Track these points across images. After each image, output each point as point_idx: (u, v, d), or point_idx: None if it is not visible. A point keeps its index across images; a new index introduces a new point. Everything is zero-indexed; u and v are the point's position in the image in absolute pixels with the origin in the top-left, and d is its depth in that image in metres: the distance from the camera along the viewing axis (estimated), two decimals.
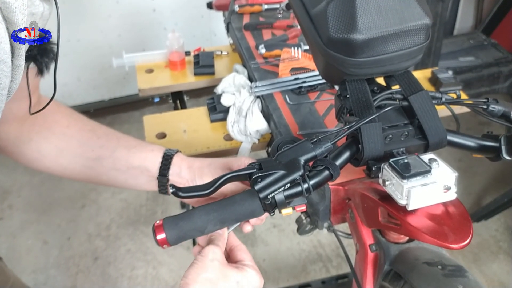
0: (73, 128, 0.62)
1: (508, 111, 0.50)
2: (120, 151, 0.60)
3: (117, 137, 0.62)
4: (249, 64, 1.02)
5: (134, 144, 0.61)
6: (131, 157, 0.60)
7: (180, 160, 0.60)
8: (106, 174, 0.61)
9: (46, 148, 0.60)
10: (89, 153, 0.61)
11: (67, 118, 0.62)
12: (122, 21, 1.92)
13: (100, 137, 0.61)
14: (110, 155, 0.60)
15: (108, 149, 0.60)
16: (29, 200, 1.71)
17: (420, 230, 0.45)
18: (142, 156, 0.60)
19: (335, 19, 0.48)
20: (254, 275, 0.47)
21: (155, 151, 0.61)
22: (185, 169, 0.59)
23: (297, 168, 0.47)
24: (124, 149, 0.60)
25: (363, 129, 0.48)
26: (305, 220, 0.71)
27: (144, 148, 0.61)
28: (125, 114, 2.11)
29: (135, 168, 0.60)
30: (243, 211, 0.48)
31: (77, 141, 0.61)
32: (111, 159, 0.60)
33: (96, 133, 0.62)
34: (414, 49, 0.50)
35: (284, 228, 1.54)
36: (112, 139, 0.61)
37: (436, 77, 1.01)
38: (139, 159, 0.60)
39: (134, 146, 0.61)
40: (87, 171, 0.61)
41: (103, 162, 0.60)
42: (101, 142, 0.61)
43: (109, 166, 0.60)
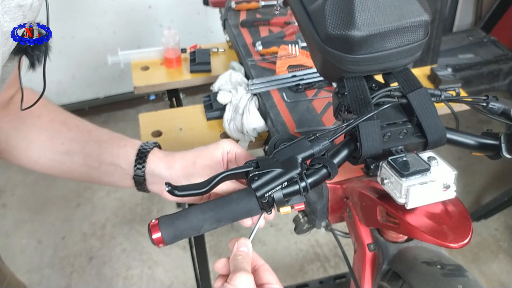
0: (45, 118, 0.57)
1: (508, 109, 0.50)
2: (91, 146, 0.56)
3: (88, 129, 0.57)
4: (246, 61, 1.02)
5: (106, 138, 0.56)
6: (102, 153, 0.55)
7: (158, 159, 0.55)
8: (78, 170, 0.57)
9: (15, 139, 0.56)
10: (59, 147, 0.56)
11: (40, 108, 0.57)
12: (118, 17, 1.91)
13: (70, 129, 0.57)
14: (80, 149, 0.56)
15: (79, 143, 0.56)
16: (23, 199, 1.70)
17: (419, 229, 0.45)
18: (114, 152, 0.55)
19: (333, 16, 0.48)
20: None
21: (128, 147, 0.55)
22: (165, 170, 0.54)
23: (295, 166, 0.46)
24: (95, 144, 0.56)
25: (361, 127, 0.48)
26: (302, 219, 0.70)
27: (116, 143, 0.56)
28: (121, 112, 2.10)
29: (108, 164, 0.55)
30: (239, 209, 0.48)
31: (47, 132, 0.56)
32: (81, 154, 0.55)
33: (67, 125, 0.57)
34: (413, 46, 0.50)
35: (281, 228, 1.53)
36: (83, 131, 0.57)
37: (435, 74, 1.00)
38: (111, 155, 0.55)
39: (106, 140, 0.56)
40: (58, 165, 0.57)
41: (73, 157, 0.56)
42: (71, 134, 0.56)
43: (80, 161, 0.56)
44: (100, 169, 0.56)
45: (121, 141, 0.57)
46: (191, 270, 1.41)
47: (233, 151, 0.55)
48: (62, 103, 2.04)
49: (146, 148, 0.56)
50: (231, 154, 0.55)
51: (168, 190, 0.47)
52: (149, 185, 0.56)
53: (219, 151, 0.54)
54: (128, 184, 0.56)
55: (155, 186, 0.56)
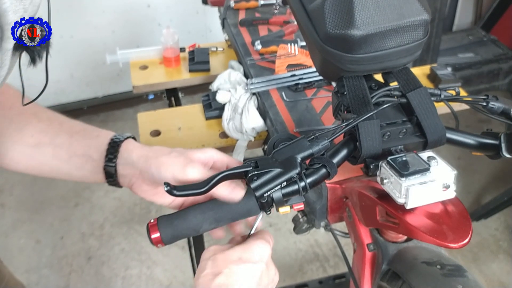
0: (15, 110, 0.55)
1: (508, 108, 0.50)
2: (62, 137, 0.53)
3: (60, 121, 0.55)
4: (245, 60, 1.01)
5: (78, 129, 0.55)
6: (73, 144, 0.53)
7: (132, 147, 0.53)
8: (48, 164, 0.54)
9: None
10: (28, 139, 0.53)
11: (12, 100, 0.55)
12: (116, 17, 1.90)
13: (41, 121, 0.55)
14: (50, 141, 0.53)
15: (48, 134, 0.54)
16: (21, 199, 1.69)
17: (418, 229, 0.45)
18: (85, 143, 0.53)
19: (332, 15, 0.48)
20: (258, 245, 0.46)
21: (101, 137, 0.53)
22: (138, 158, 0.51)
23: (294, 166, 0.46)
24: (66, 135, 0.53)
25: (360, 126, 0.48)
26: (301, 219, 0.70)
27: (89, 134, 0.54)
28: (119, 111, 2.09)
29: (79, 156, 0.53)
30: (239, 209, 0.47)
31: (16, 125, 0.54)
32: (52, 146, 0.53)
33: (38, 117, 0.55)
34: (412, 45, 0.50)
35: (280, 227, 1.53)
36: (54, 123, 0.55)
37: (435, 73, 1.00)
38: (82, 146, 0.53)
39: (77, 131, 0.54)
40: (26, 160, 0.54)
41: (43, 150, 0.53)
42: (42, 126, 0.54)
43: (49, 154, 0.53)
44: (70, 161, 0.53)
45: (93, 132, 0.55)
46: (190, 270, 1.41)
47: (223, 160, 0.53)
48: (61, 102, 2.03)
49: (119, 138, 0.54)
50: (221, 163, 0.53)
51: (167, 190, 0.46)
52: (120, 178, 0.54)
53: (204, 155, 0.52)
54: (99, 178, 0.54)
55: (125, 179, 0.54)
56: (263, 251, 0.46)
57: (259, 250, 0.46)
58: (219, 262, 0.44)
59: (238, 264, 0.44)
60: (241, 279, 0.43)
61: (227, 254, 0.44)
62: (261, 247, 0.46)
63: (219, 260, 0.44)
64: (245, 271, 0.43)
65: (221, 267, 0.43)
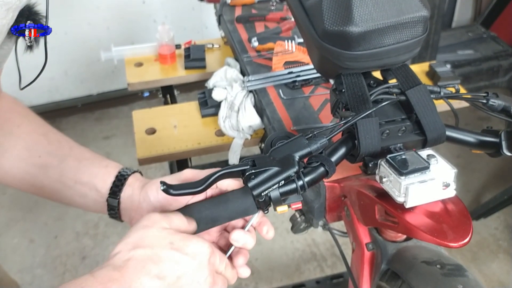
0: (24, 128, 0.55)
1: (508, 106, 0.49)
2: (70, 161, 0.54)
3: (70, 146, 0.56)
4: (242, 57, 1.01)
5: (88, 156, 0.55)
6: (80, 170, 0.53)
7: (135, 181, 0.53)
8: (50, 186, 0.54)
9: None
10: (35, 159, 0.54)
11: (21, 118, 0.56)
12: (111, 13, 1.88)
13: (51, 143, 0.55)
14: (58, 164, 0.53)
15: (57, 157, 0.54)
16: (14, 198, 1.68)
17: (418, 228, 0.45)
18: (93, 172, 0.53)
19: (330, 11, 0.47)
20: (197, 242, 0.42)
21: (110, 168, 0.54)
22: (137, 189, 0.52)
23: (292, 165, 0.46)
24: (74, 161, 0.54)
25: (359, 124, 0.48)
26: (299, 218, 0.70)
27: (98, 162, 0.54)
28: (114, 109, 2.07)
29: (83, 184, 0.53)
30: (236, 209, 0.47)
31: (25, 143, 0.54)
32: (58, 169, 0.53)
33: (48, 138, 0.55)
34: (411, 42, 0.49)
35: (278, 226, 1.52)
36: (64, 147, 0.55)
37: (434, 70, 1.00)
38: (89, 174, 0.53)
39: (86, 158, 0.54)
40: (30, 179, 0.54)
41: (49, 172, 0.53)
42: (51, 148, 0.55)
43: (55, 177, 0.53)
44: (74, 188, 0.53)
45: (102, 162, 0.55)
46: None
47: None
48: (55, 100, 2.01)
49: (126, 172, 0.54)
50: None
51: (163, 189, 0.46)
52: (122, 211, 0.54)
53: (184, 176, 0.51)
54: (100, 208, 0.54)
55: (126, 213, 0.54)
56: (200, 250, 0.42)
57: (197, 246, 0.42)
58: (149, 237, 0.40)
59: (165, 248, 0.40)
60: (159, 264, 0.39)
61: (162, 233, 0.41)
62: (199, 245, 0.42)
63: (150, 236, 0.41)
64: (168, 258, 0.40)
65: (146, 242, 0.40)
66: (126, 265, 0.38)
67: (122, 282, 0.37)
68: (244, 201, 0.46)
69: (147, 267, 0.39)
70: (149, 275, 0.39)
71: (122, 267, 0.38)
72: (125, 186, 0.53)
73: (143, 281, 0.38)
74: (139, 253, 0.39)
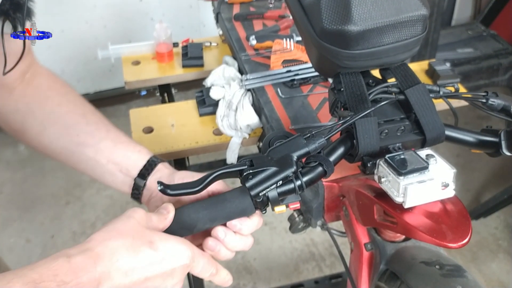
0: (64, 108, 0.59)
1: (508, 105, 0.49)
2: (106, 143, 0.58)
3: (107, 129, 0.60)
4: (240, 56, 1.00)
5: (123, 140, 0.59)
6: (114, 153, 0.58)
7: (164, 168, 0.57)
8: (85, 163, 0.59)
9: (31, 122, 0.58)
10: (73, 137, 0.58)
11: (60, 97, 0.60)
12: (108, 11, 1.87)
13: (89, 124, 0.59)
14: (94, 144, 0.58)
15: (94, 138, 0.58)
16: (11, 197, 1.67)
17: (417, 229, 0.44)
18: (126, 154, 0.58)
19: (329, 10, 0.47)
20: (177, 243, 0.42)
21: (142, 153, 0.58)
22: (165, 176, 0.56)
23: (290, 165, 0.45)
24: (110, 142, 0.58)
25: (358, 124, 0.47)
26: (297, 218, 0.69)
27: (132, 147, 0.59)
28: (111, 107, 2.06)
29: (116, 164, 0.58)
30: (233, 209, 0.47)
31: (64, 122, 0.58)
32: (94, 149, 0.58)
33: (87, 119, 0.59)
34: (410, 41, 0.49)
35: (276, 226, 1.52)
36: (101, 129, 0.59)
37: (433, 69, 0.99)
38: (123, 156, 0.58)
39: (121, 142, 0.59)
40: (67, 154, 0.59)
41: (85, 150, 0.58)
42: (89, 129, 0.59)
43: (90, 155, 0.58)
44: (106, 166, 0.58)
45: (136, 146, 0.59)
46: None
47: None
48: None
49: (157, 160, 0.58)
50: None
51: (160, 189, 0.46)
52: (145, 192, 0.58)
53: None
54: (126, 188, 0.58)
55: (147, 193, 0.57)
56: (178, 255, 0.42)
57: (176, 250, 0.42)
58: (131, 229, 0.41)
59: (144, 245, 0.40)
60: (133, 259, 0.39)
61: (144, 230, 0.41)
62: (179, 250, 0.42)
63: (132, 228, 0.41)
64: (144, 256, 0.40)
65: (126, 234, 0.40)
66: (101, 256, 0.38)
67: (94, 273, 0.37)
68: (242, 201, 0.46)
69: (121, 262, 0.39)
70: (120, 271, 0.39)
71: (97, 257, 0.38)
72: (154, 171, 0.57)
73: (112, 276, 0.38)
74: (118, 243, 0.39)
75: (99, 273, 0.37)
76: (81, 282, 0.36)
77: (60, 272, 0.35)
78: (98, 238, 0.40)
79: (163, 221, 0.45)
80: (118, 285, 0.38)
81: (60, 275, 0.35)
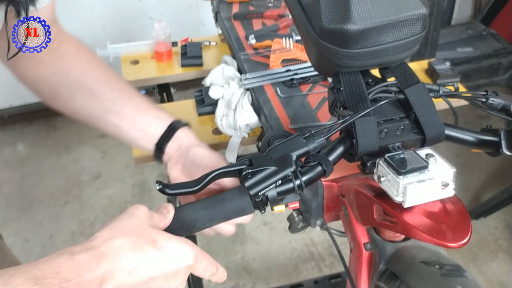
0: (89, 75, 0.62)
1: (508, 104, 0.49)
2: (128, 110, 0.61)
3: (130, 95, 0.62)
4: (239, 55, 1.00)
5: (144, 107, 0.62)
6: (136, 118, 0.61)
7: (184, 135, 0.60)
8: (111, 128, 0.62)
9: (60, 90, 0.62)
10: (99, 104, 0.61)
11: (84, 64, 0.63)
12: (107, 10, 1.87)
13: (112, 91, 0.62)
14: (118, 111, 0.61)
15: (117, 105, 0.61)
16: (9, 197, 1.67)
17: (416, 228, 0.44)
18: (147, 121, 0.61)
19: (328, 9, 0.47)
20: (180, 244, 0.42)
21: (162, 119, 0.61)
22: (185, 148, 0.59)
23: (289, 164, 0.45)
24: (132, 109, 0.61)
25: (357, 123, 0.47)
26: (297, 217, 0.69)
27: (153, 113, 0.61)
28: None
29: (138, 130, 0.61)
30: (232, 208, 0.47)
31: (90, 89, 0.61)
32: (118, 115, 0.61)
33: (110, 86, 0.62)
34: (410, 40, 0.49)
35: (275, 226, 1.52)
36: (124, 95, 0.62)
37: (433, 68, 0.99)
38: (144, 122, 0.61)
39: (143, 108, 0.61)
40: (95, 120, 0.62)
41: (110, 116, 0.61)
42: (112, 95, 0.61)
43: (114, 121, 0.61)
44: (130, 131, 0.61)
45: (156, 112, 0.61)
46: None
47: None
48: None
49: (177, 125, 0.61)
50: None
51: (159, 189, 0.46)
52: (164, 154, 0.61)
53: None
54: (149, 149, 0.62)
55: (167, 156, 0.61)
56: (182, 255, 0.41)
57: (180, 251, 0.41)
58: (134, 227, 0.40)
59: (147, 243, 0.40)
60: (136, 258, 0.39)
61: (147, 228, 0.41)
62: (183, 250, 0.42)
63: (136, 226, 0.40)
64: (148, 255, 0.39)
65: (130, 233, 0.39)
66: (105, 255, 0.38)
67: (97, 271, 0.37)
68: (241, 201, 0.46)
69: (124, 261, 0.38)
70: (124, 269, 0.38)
71: (101, 256, 0.38)
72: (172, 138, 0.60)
73: (116, 275, 0.38)
74: (122, 242, 0.39)
75: (103, 271, 0.37)
76: (84, 280, 0.35)
77: (62, 270, 0.35)
78: (102, 237, 0.39)
79: (163, 220, 0.45)
80: (121, 284, 0.38)
81: (63, 272, 0.35)
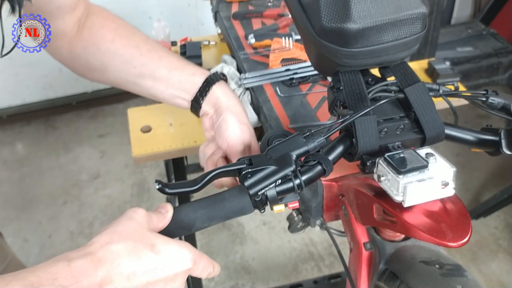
0: (118, 43, 0.62)
1: (508, 104, 0.49)
2: (161, 71, 0.62)
3: (160, 56, 0.63)
4: (238, 54, 1.00)
5: (176, 65, 0.63)
6: (170, 79, 0.62)
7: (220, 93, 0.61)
8: (148, 91, 0.64)
9: (93, 63, 0.63)
10: (132, 70, 0.62)
11: (112, 33, 0.63)
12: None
13: (143, 54, 0.62)
14: (151, 74, 0.62)
15: (150, 68, 0.62)
16: (8, 196, 1.66)
17: (416, 228, 0.44)
18: (181, 79, 0.62)
19: (327, 8, 0.47)
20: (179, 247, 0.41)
21: (197, 75, 0.62)
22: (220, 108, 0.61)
23: (289, 164, 0.45)
24: (165, 70, 0.62)
25: (357, 122, 0.47)
26: (296, 217, 0.69)
27: (185, 70, 0.62)
28: (109, 106, 2.06)
29: (174, 89, 0.62)
30: (232, 208, 0.46)
31: (121, 57, 0.62)
32: (152, 78, 0.62)
33: (140, 50, 0.62)
34: (410, 39, 0.49)
35: (275, 226, 1.52)
36: (154, 57, 0.62)
37: (433, 68, 0.99)
38: (178, 82, 0.62)
39: (175, 68, 0.62)
40: (132, 86, 0.64)
41: (144, 80, 0.62)
42: (143, 59, 0.62)
43: (149, 84, 0.63)
44: (166, 92, 0.63)
45: (190, 69, 0.63)
46: None
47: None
48: (49, 97, 1.99)
49: (212, 79, 0.62)
50: None
51: (158, 188, 0.46)
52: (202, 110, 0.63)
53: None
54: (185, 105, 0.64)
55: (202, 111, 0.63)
56: (181, 259, 0.41)
57: (178, 255, 0.41)
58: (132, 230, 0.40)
59: (146, 248, 0.39)
60: (135, 263, 0.38)
61: (145, 232, 0.40)
62: (182, 254, 0.41)
63: (135, 232, 0.40)
64: (146, 260, 0.39)
65: (128, 237, 0.39)
66: (103, 260, 0.38)
67: (94, 277, 0.36)
68: (240, 200, 0.46)
69: (122, 266, 0.38)
70: (122, 275, 0.38)
71: (99, 261, 0.37)
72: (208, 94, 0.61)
73: (114, 281, 0.37)
74: (119, 247, 0.39)
75: (101, 277, 0.37)
76: (81, 286, 0.35)
77: (59, 276, 0.35)
78: (99, 242, 0.39)
79: (162, 220, 0.44)
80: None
81: (60, 279, 0.35)
